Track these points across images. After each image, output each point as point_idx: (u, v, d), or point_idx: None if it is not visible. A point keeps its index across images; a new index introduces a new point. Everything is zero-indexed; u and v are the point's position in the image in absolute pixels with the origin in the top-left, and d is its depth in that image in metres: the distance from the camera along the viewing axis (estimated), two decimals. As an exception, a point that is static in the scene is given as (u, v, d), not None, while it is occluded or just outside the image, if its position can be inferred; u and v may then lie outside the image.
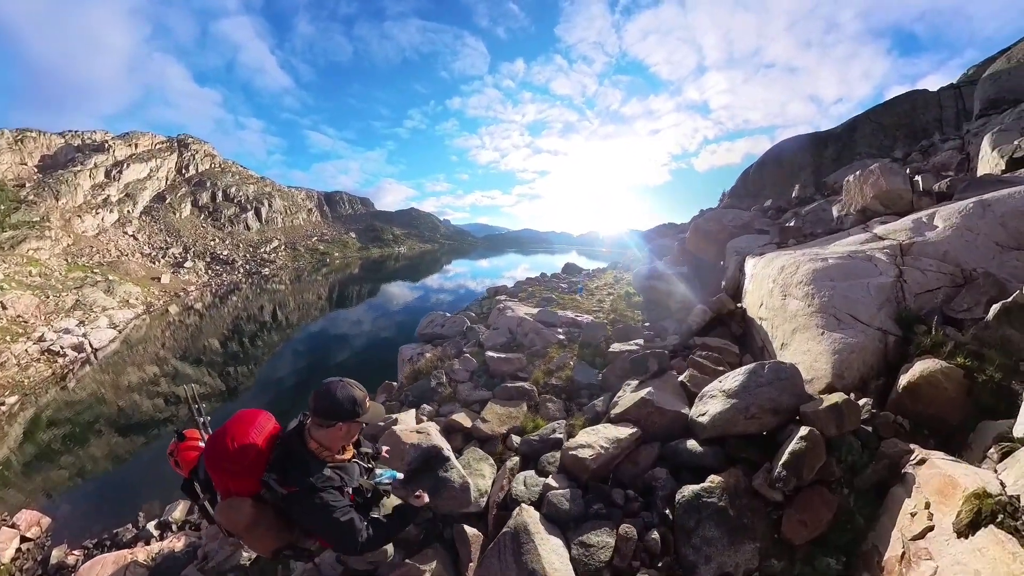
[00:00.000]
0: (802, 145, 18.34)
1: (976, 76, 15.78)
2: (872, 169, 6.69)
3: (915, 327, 3.85)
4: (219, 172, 79.22)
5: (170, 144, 73.90)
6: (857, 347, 3.71)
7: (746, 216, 10.19)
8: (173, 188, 68.34)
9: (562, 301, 11.43)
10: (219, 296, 41.20)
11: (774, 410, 3.20)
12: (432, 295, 41.14)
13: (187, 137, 78.33)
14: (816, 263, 4.64)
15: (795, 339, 4.46)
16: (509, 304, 10.80)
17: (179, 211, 64.64)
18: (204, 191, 71.16)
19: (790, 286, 4.72)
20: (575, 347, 7.16)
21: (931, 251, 4.52)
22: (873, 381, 3.69)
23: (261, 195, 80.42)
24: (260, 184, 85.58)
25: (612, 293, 12.09)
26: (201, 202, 69.59)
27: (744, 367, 3.55)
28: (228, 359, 20.82)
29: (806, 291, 4.43)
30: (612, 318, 8.80)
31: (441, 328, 10.59)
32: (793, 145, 18.67)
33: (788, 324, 4.63)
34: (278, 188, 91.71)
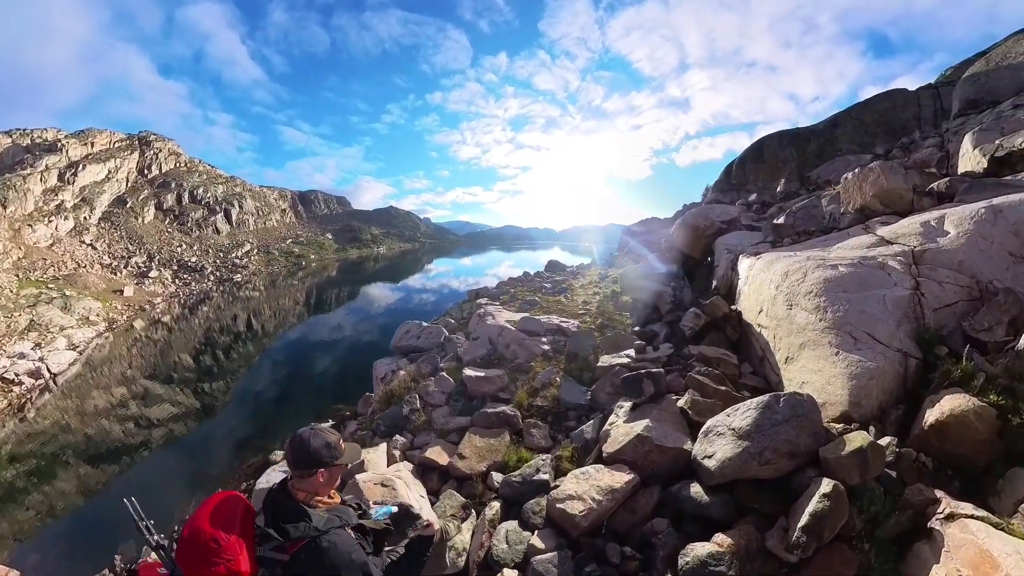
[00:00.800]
0: (784, 141, 18.46)
1: (954, 77, 16.27)
2: (872, 167, 6.41)
3: (935, 348, 3.52)
4: (185, 172, 76.17)
5: (130, 142, 70.48)
6: (876, 372, 3.35)
7: (734, 211, 9.93)
8: (134, 191, 65.29)
9: (546, 304, 11.07)
10: (188, 307, 39.30)
11: (791, 453, 2.81)
12: (415, 296, 40.49)
13: (149, 134, 74.87)
14: (826, 271, 4.27)
15: (803, 355, 4.09)
16: (490, 310, 10.34)
17: (142, 216, 61.71)
18: (169, 193, 68.26)
19: (798, 295, 4.35)
20: (561, 359, 6.76)
21: (946, 260, 4.20)
22: (892, 410, 3.35)
23: (231, 196, 77.70)
24: (230, 184, 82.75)
25: (598, 292, 11.79)
26: (166, 205, 66.72)
27: (756, 401, 3.14)
28: (202, 375, 19.96)
29: (817, 303, 4.06)
30: (600, 323, 8.43)
31: (417, 340, 10.04)
32: (775, 141, 18.75)
33: (795, 337, 4.26)
34: (249, 188, 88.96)
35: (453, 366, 7.57)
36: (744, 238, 7.97)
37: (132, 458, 12.17)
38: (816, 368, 3.84)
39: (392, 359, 10.44)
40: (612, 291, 11.25)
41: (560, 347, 7.24)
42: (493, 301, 12.14)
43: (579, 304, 10.68)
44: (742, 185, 19.12)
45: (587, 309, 9.93)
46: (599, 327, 8.15)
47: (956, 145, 8.73)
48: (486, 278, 55.27)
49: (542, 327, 8.07)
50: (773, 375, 4.75)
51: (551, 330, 8.13)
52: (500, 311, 10.22)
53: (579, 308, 10.19)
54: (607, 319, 8.59)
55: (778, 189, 14.40)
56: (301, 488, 1.81)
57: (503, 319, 8.89)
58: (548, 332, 8.02)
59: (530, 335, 7.73)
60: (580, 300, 11.27)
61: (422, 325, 10.72)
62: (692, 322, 5.81)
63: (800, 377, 4.09)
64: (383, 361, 10.45)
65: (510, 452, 4.63)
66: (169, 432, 13.82)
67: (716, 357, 4.94)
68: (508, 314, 9.76)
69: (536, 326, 8.06)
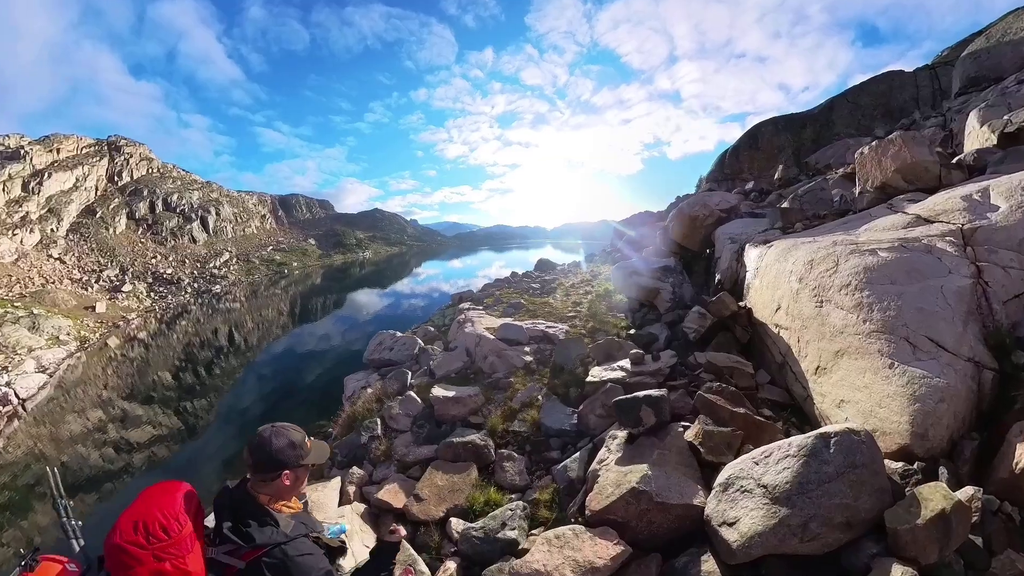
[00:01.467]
0: (779, 127, 17.97)
1: (951, 57, 16.07)
2: (892, 139, 5.67)
3: (1013, 355, 2.74)
4: (158, 178, 74.13)
5: (99, 147, 68.20)
6: (947, 392, 2.56)
7: (733, 199, 9.24)
8: (104, 199, 63.20)
9: (533, 306, 10.29)
10: (166, 322, 38.34)
11: (847, 524, 2.01)
12: (403, 301, 39.91)
13: (119, 139, 72.64)
14: (863, 257, 3.48)
15: (841, 365, 3.30)
16: (471, 315, 9.54)
17: (113, 226, 59.75)
18: (141, 201, 66.33)
19: (829, 289, 3.56)
20: (545, 373, 5.95)
21: (1003, 239, 3.44)
22: (966, 441, 2.57)
23: (207, 202, 75.82)
24: (206, 190, 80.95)
25: (590, 292, 11.11)
26: (138, 214, 64.71)
27: (796, 444, 2.33)
28: (183, 393, 19.44)
29: (858, 299, 3.27)
30: (591, 326, 7.69)
31: (390, 352, 9.19)
32: (770, 128, 18.23)
33: (828, 342, 3.47)
34: (227, 193, 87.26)
35: (425, 382, 6.71)
36: (747, 226, 7.24)
37: (114, 485, 11.71)
38: (861, 384, 3.05)
39: (364, 374, 9.56)
40: (605, 290, 10.54)
41: (545, 358, 6.45)
42: (476, 305, 11.40)
43: (568, 305, 9.98)
44: (737, 174, 18.52)
45: (577, 311, 9.21)
46: (590, 331, 7.43)
47: (960, 124, 8.34)
48: (477, 279, 54.65)
49: (525, 335, 7.29)
50: (798, 387, 3.98)
51: (535, 337, 7.35)
52: (482, 316, 9.47)
53: (568, 310, 9.47)
54: (599, 322, 7.89)
55: (775, 176, 13.76)
56: (263, 492, 1.64)
57: (482, 326, 8.09)
58: (532, 340, 7.25)
59: (511, 344, 6.93)
60: (570, 301, 10.55)
61: (396, 335, 9.86)
62: (696, 323, 5.09)
63: (837, 393, 3.30)
64: (354, 377, 9.56)
65: (476, 492, 3.80)
66: (151, 456, 13.46)
67: (728, 367, 4.14)
68: (490, 320, 9.00)
69: (518, 334, 7.28)
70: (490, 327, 8.04)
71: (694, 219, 8.68)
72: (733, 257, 6.44)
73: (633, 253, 14.79)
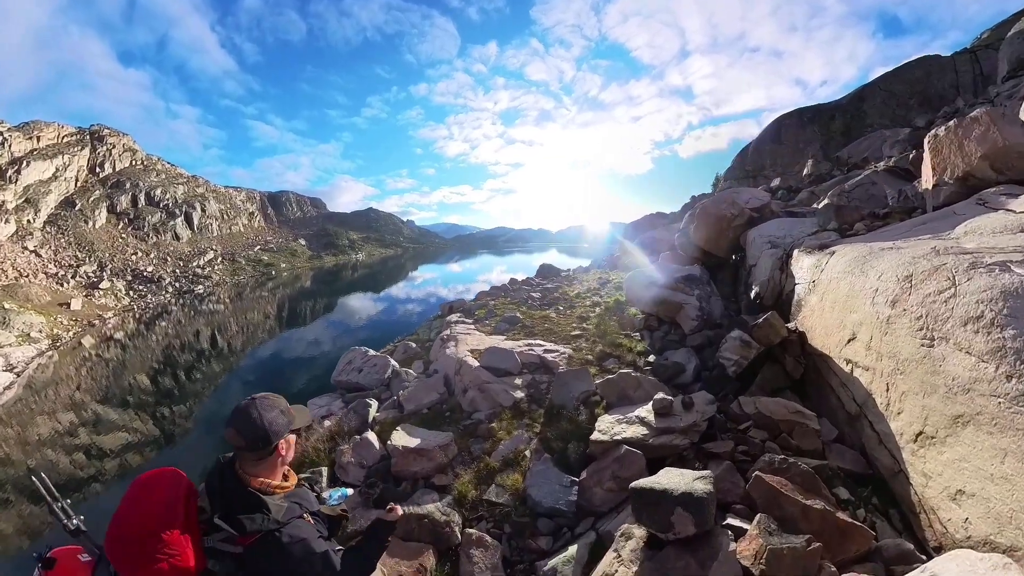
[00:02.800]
0: (805, 120, 17.12)
1: (992, 40, 15.28)
2: (977, 117, 4.64)
3: None
4: (141, 170, 73.36)
5: (81, 136, 67.33)
6: None
7: (764, 196, 8.28)
8: (85, 191, 62.39)
9: (531, 321, 9.33)
10: (144, 322, 37.56)
11: None
12: (399, 306, 38.97)
13: (102, 128, 71.83)
14: (996, 275, 2.45)
15: (963, 438, 2.29)
16: (457, 331, 8.67)
17: (92, 219, 58.99)
18: (123, 194, 65.51)
19: (945, 320, 2.52)
20: (538, 416, 4.97)
21: None
22: None
23: (192, 197, 75.17)
24: (191, 184, 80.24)
25: (598, 303, 10.27)
26: (120, 207, 63.90)
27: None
28: (161, 398, 19.15)
29: (998, 341, 2.23)
30: (599, 350, 6.77)
31: (359, 374, 8.19)
32: (795, 121, 17.36)
33: (942, 400, 2.45)
34: (213, 189, 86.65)
35: (391, 417, 5.75)
36: (789, 227, 6.28)
37: (83, 493, 11.52)
38: (997, 472, 2.07)
39: (329, 398, 8.57)
40: (615, 302, 9.69)
41: (539, 393, 5.45)
42: (465, 318, 10.50)
43: (573, 321, 9.05)
44: (759, 171, 17.60)
45: (583, 328, 8.33)
46: (598, 357, 6.50)
47: (1014, 108, 7.54)
48: (477, 284, 53.91)
49: (516, 362, 6.30)
50: (884, 455, 2.96)
51: (530, 364, 6.38)
52: (469, 333, 8.62)
53: (572, 327, 8.56)
54: (610, 344, 6.96)
55: (804, 172, 12.82)
56: (254, 472, 1.61)
57: (467, 349, 7.17)
58: (525, 368, 6.27)
59: (498, 375, 5.94)
60: (575, 315, 9.62)
61: (367, 354, 8.89)
62: (737, 354, 4.18)
63: (952, 478, 2.33)
64: (317, 401, 8.56)
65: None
66: (124, 463, 13.20)
67: (786, 419, 3.13)
68: (478, 338, 8.11)
69: (507, 361, 6.28)
70: (475, 349, 7.09)
71: (720, 219, 7.69)
72: (775, 265, 5.53)
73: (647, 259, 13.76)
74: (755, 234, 6.58)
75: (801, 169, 14.32)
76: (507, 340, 7.84)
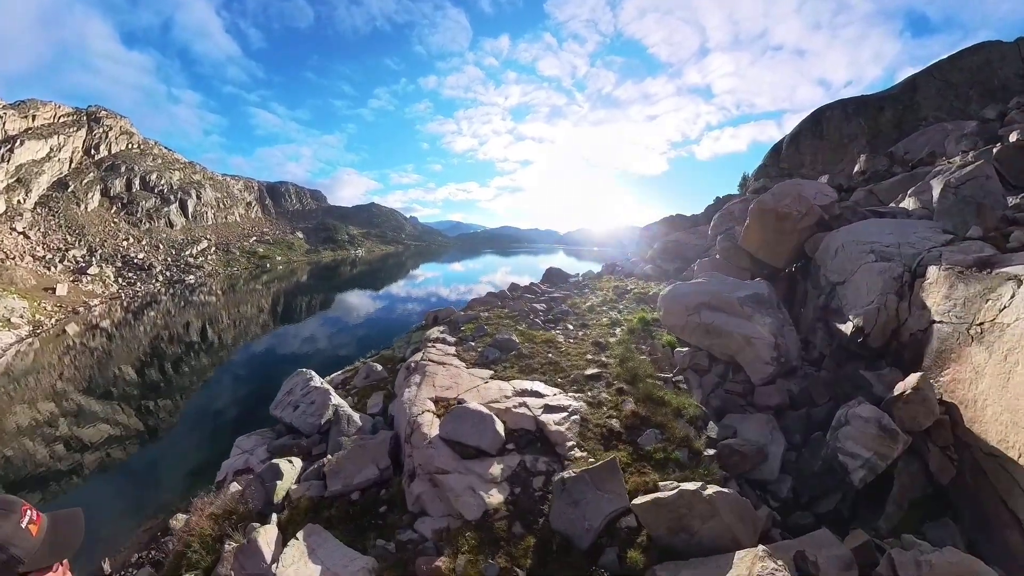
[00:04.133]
0: (849, 112, 16.90)
1: None
2: None
3: None
4: (137, 154, 74.39)
5: (77, 117, 68.48)
6: None
7: (831, 191, 7.49)
8: (78, 173, 63.26)
9: (529, 347, 7.52)
10: (132, 311, 37.84)
11: None
12: (398, 306, 39.30)
13: (99, 109, 72.95)
14: None
15: None
16: (431, 356, 7.12)
17: (85, 202, 59.75)
18: (118, 177, 66.34)
19: None
20: (523, 551, 3.34)
21: None
22: None
23: (188, 184, 76.01)
24: (188, 170, 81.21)
25: (618, 321, 8.87)
26: (113, 191, 64.71)
27: None
28: (147, 391, 19.23)
29: None
30: (629, 410, 5.01)
31: (294, 412, 6.95)
32: (837, 113, 17.17)
33: None
34: (210, 176, 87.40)
35: (307, 499, 4.51)
36: (901, 231, 5.17)
37: (60, 486, 11.45)
38: None
39: (257, 439, 7.08)
40: (640, 320, 8.28)
41: (530, 501, 3.80)
42: (448, 335, 8.86)
43: (587, 348, 7.30)
44: (796, 168, 17.48)
45: (602, 362, 6.59)
46: (629, 426, 4.75)
47: None
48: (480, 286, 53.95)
49: (495, 434, 4.53)
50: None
51: (520, 436, 4.70)
52: (445, 361, 7.03)
53: (587, 359, 6.73)
54: (644, 397, 5.23)
55: (856, 169, 12.72)
56: None
57: (432, 392, 5.71)
58: (511, 443, 4.60)
59: (465, 457, 4.33)
60: (589, 340, 7.79)
61: (309, 383, 7.46)
62: (871, 448, 3.07)
63: None
64: (244, 443, 7.04)
65: None
66: (106, 457, 13.10)
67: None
68: (454, 372, 6.48)
69: (482, 432, 4.53)
70: (442, 399, 5.53)
71: (782, 218, 6.61)
72: (888, 287, 4.36)
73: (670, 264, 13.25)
74: (842, 239, 5.51)
75: (849, 166, 14.24)
76: (493, 379, 6.15)
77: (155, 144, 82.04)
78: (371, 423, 6.38)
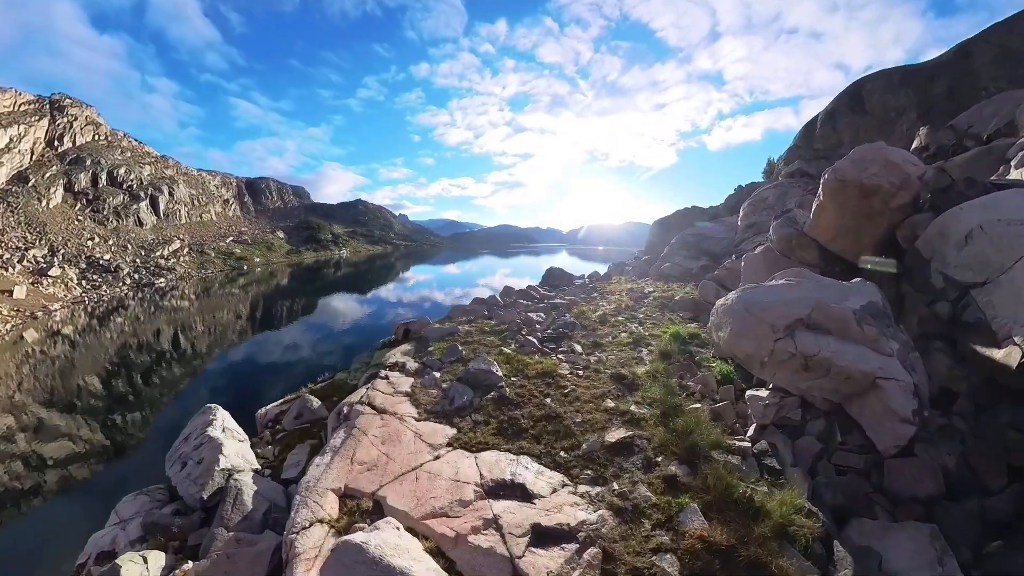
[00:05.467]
0: (894, 83, 16.03)
1: None
2: None
3: None
4: (104, 146, 73.56)
5: (40, 105, 67.63)
6: None
7: (915, 160, 6.48)
8: (40, 166, 62.43)
9: (519, 384, 5.80)
10: (97, 316, 37.30)
11: None
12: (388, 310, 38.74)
13: (63, 97, 72.12)
14: None
15: None
16: (377, 395, 5.83)
17: (47, 197, 58.90)
18: (83, 171, 65.50)
19: None
20: None
21: None
22: None
23: (160, 179, 75.16)
24: (160, 164, 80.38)
25: (642, 337, 7.50)
26: (78, 186, 63.88)
27: None
28: (113, 403, 19.06)
29: None
30: (689, 534, 3.26)
31: (181, 470, 5.66)
32: (881, 84, 16.31)
33: None
34: (184, 171, 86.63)
35: None
36: None
37: (19, 508, 11.33)
38: None
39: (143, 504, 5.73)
40: (674, 337, 6.85)
41: None
42: (412, 359, 7.43)
43: (604, 385, 5.62)
44: (833, 148, 16.67)
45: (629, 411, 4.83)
46: (693, 555, 3.07)
47: None
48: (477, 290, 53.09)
49: None
50: None
51: None
52: (389, 408, 5.47)
53: (605, 407, 5.02)
54: (716, 491, 3.58)
55: (916, 144, 11.90)
56: None
57: (343, 475, 4.23)
58: None
59: None
60: (607, 368, 6.16)
61: (206, 432, 6.12)
62: None
63: None
64: (124, 510, 5.75)
65: None
66: (67, 475, 12.99)
67: None
68: (394, 427, 4.96)
69: None
70: (354, 492, 4.08)
71: (868, 194, 5.49)
72: None
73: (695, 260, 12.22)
74: (977, 218, 4.17)
75: (899, 144, 13.47)
76: (452, 446, 4.39)
77: (124, 136, 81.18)
78: (267, 505, 4.61)
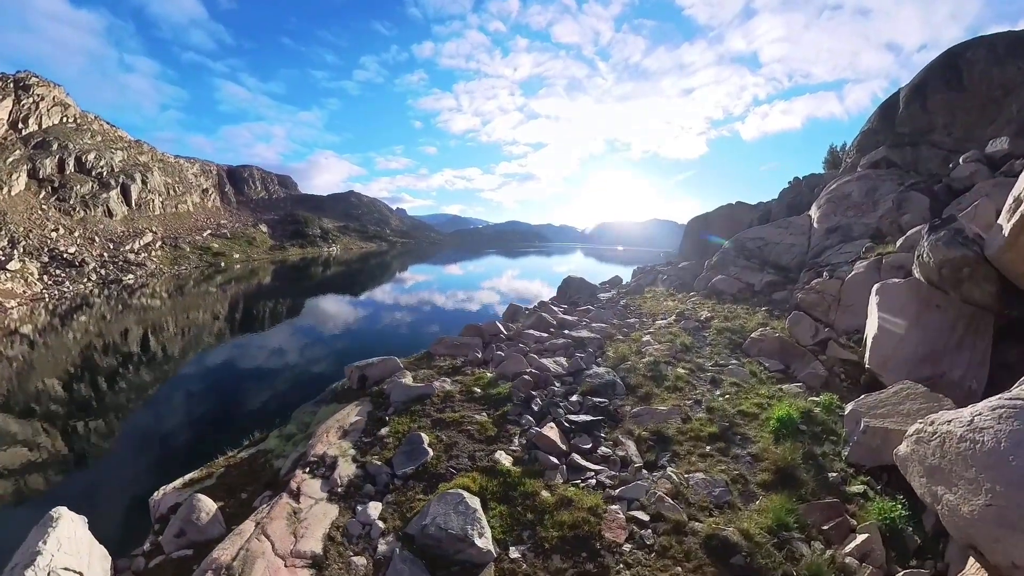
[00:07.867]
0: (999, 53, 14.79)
1: None
2: None
3: None
4: (73, 130, 74.13)
5: (3, 84, 68.33)
6: None
7: None
8: (2, 150, 62.93)
9: (531, 557, 4.18)
10: (59, 315, 37.91)
11: None
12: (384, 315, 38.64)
13: (29, 76, 72.70)
14: None
15: None
16: (254, 562, 4.09)
17: (8, 184, 59.40)
18: (48, 156, 66.12)
19: None
20: None
21: None
22: None
23: (133, 166, 75.70)
24: (133, 150, 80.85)
25: (734, 427, 6.21)
26: (43, 173, 64.43)
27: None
28: (76, 409, 19.44)
29: None
30: None
31: None
32: (983, 54, 15.10)
33: None
34: (160, 157, 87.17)
35: None
36: None
37: None
38: None
39: None
40: (785, 424, 5.77)
41: None
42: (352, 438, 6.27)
43: (693, 558, 3.97)
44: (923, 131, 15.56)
45: None
46: None
47: None
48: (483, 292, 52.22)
49: None
50: None
51: None
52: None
53: None
54: None
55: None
56: None
57: None
58: None
59: None
60: (689, 507, 4.42)
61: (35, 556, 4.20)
62: None
63: None
64: None
65: None
66: (24, 485, 13.25)
67: None
68: None
69: None
70: None
71: None
72: None
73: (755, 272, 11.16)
74: None
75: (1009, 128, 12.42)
76: None
77: (95, 119, 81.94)
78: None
